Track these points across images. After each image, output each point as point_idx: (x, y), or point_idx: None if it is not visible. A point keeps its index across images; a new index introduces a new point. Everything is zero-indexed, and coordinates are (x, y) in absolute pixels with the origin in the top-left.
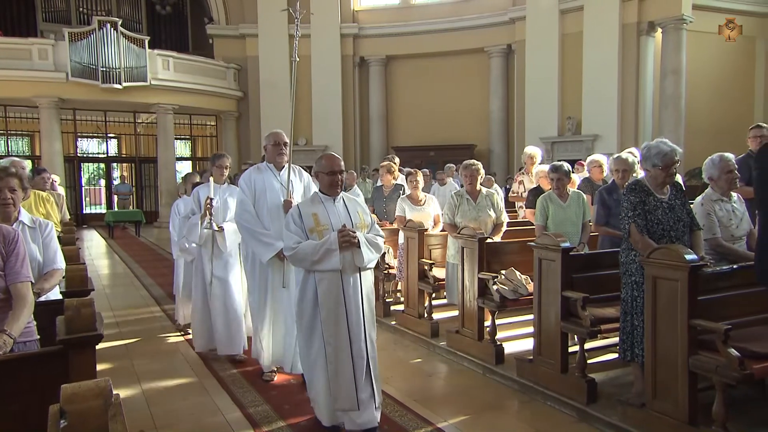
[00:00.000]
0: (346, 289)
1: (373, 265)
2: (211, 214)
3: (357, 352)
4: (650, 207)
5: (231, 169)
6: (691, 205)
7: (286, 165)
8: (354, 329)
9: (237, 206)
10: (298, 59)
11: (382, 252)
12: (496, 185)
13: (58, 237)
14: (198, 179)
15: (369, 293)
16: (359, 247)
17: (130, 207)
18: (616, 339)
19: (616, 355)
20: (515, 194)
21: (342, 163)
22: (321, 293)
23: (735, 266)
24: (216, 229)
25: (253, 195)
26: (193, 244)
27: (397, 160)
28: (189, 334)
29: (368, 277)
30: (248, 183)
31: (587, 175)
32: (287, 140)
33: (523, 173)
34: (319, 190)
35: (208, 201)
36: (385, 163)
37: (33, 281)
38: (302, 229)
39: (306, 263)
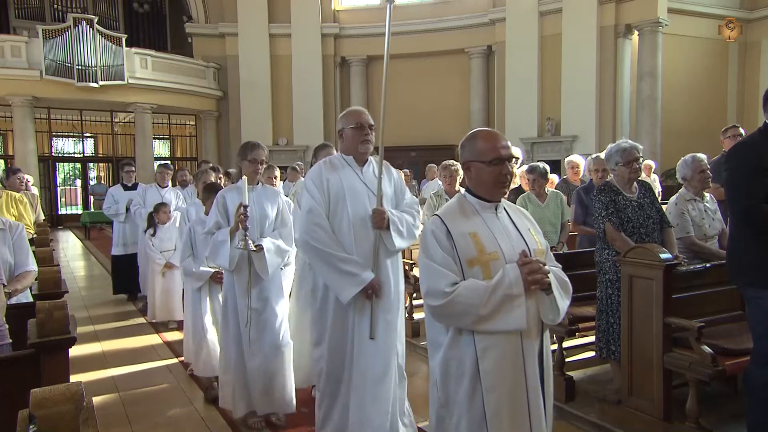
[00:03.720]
0: (529, 364)
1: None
2: (245, 228)
3: None
4: (620, 206)
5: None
6: (665, 205)
7: (371, 158)
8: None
9: (303, 218)
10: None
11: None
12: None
13: (32, 239)
14: (213, 178)
15: (550, 365)
16: (550, 289)
17: None
18: (593, 338)
19: (593, 353)
20: None
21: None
22: (488, 371)
23: (708, 264)
24: (253, 248)
25: (327, 202)
26: (208, 268)
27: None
28: (194, 372)
29: (548, 340)
30: (319, 184)
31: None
32: (372, 121)
33: None
34: (473, 194)
35: (241, 210)
36: None
37: (5, 283)
38: (455, 260)
39: (467, 319)
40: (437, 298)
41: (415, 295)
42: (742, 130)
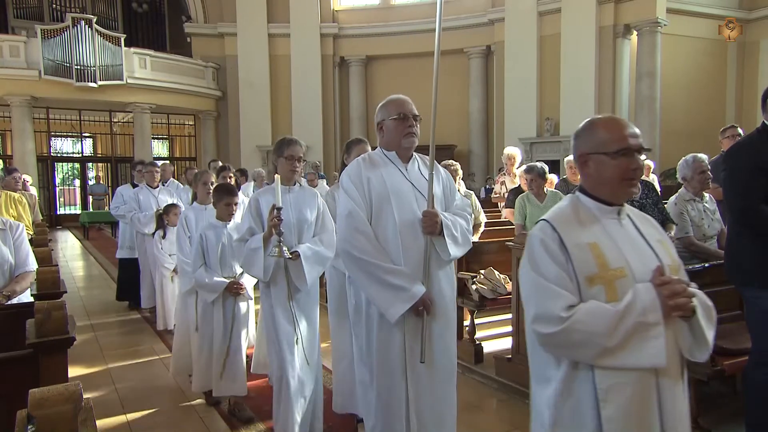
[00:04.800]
0: (667, 410)
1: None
2: (279, 233)
3: None
4: None
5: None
6: (665, 205)
7: (416, 154)
8: None
9: (341, 223)
10: None
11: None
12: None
13: (30, 239)
14: (213, 179)
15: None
16: (695, 316)
17: (106, 208)
18: None
19: None
20: (497, 195)
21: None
22: (612, 420)
23: (707, 264)
24: (288, 256)
25: (368, 204)
26: (221, 278)
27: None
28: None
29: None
30: (359, 183)
31: None
32: (417, 111)
33: (504, 174)
34: (590, 195)
35: (274, 213)
36: None
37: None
38: (571, 277)
39: (588, 351)
40: (550, 324)
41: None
42: (740, 130)
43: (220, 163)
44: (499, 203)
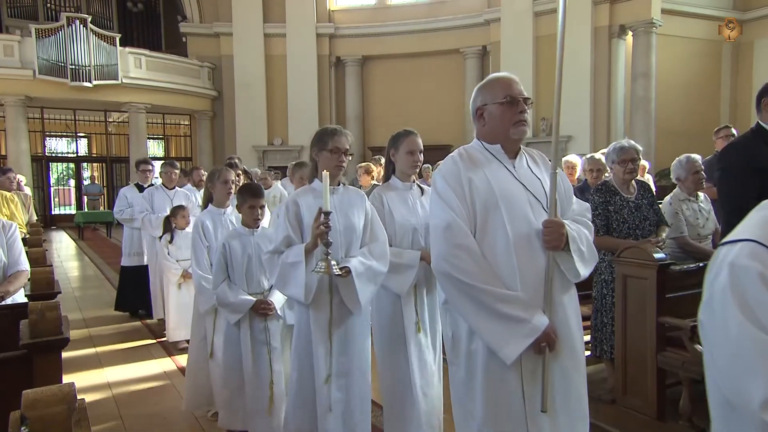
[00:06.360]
0: None
1: None
2: (328, 244)
3: None
4: (616, 207)
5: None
6: (660, 205)
7: (523, 148)
8: None
9: (439, 237)
10: None
11: None
12: None
13: (24, 238)
14: (235, 178)
15: None
16: None
17: (101, 208)
18: (588, 337)
19: (588, 353)
20: None
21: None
22: None
23: (701, 264)
24: (338, 272)
25: (472, 213)
26: (248, 296)
27: (383, 161)
28: None
29: None
30: (457, 186)
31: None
32: (526, 93)
33: None
34: None
35: (321, 219)
36: (364, 163)
37: None
38: None
39: None
40: None
41: None
42: (734, 131)
43: (236, 161)
44: None
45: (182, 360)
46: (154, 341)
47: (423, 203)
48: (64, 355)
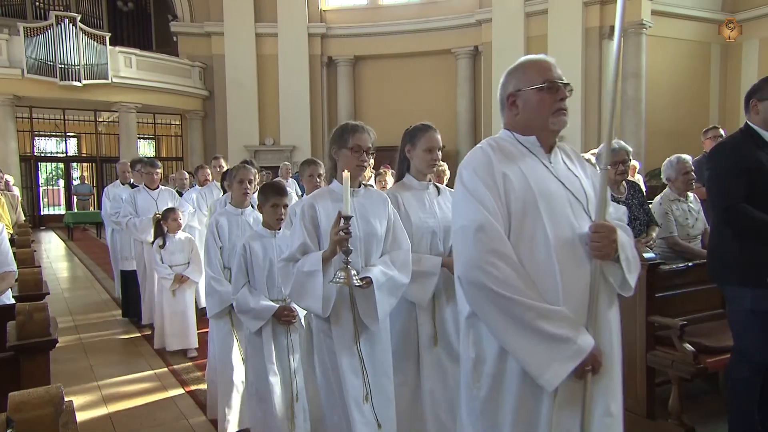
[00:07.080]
0: None
1: None
2: (348, 252)
3: None
4: None
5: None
6: (650, 205)
7: (561, 147)
8: None
9: (469, 240)
10: None
11: None
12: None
13: (12, 239)
14: (252, 177)
15: None
16: None
17: (91, 208)
18: None
19: None
20: None
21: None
22: None
23: (690, 264)
24: (358, 282)
25: (506, 213)
26: (270, 302)
27: (371, 161)
28: None
29: None
30: (491, 182)
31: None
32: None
33: None
34: None
35: (341, 225)
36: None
37: None
38: None
39: None
40: None
41: None
42: (722, 131)
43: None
44: None
45: (176, 365)
46: (145, 343)
47: (440, 204)
48: (52, 355)
